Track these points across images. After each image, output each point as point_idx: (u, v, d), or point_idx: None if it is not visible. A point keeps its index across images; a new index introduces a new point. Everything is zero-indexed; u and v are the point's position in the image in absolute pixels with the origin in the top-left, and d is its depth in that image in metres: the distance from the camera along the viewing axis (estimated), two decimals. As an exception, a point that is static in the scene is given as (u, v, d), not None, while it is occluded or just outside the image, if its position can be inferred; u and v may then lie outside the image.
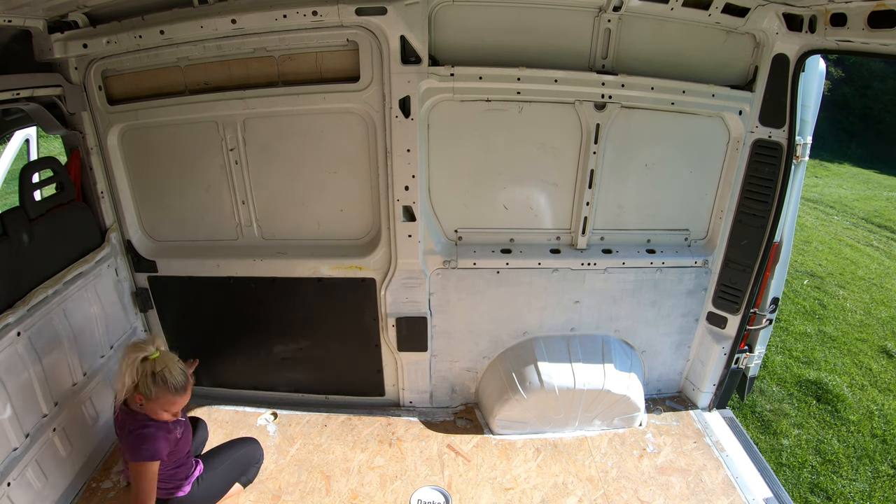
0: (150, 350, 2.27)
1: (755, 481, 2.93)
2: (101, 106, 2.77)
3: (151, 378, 2.23)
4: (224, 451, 2.74)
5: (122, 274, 3.09)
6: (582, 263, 3.04)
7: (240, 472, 2.75)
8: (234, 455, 2.74)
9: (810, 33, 2.45)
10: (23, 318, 2.41)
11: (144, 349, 2.27)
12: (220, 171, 2.91)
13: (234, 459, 2.72)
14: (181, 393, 2.29)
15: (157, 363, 2.25)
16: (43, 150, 4.64)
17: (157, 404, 2.26)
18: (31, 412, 2.48)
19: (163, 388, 2.24)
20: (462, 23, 2.56)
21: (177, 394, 2.28)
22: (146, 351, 2.26)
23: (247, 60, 2.68)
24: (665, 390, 3.54)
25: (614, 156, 2.86)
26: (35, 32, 2.49)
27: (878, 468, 4.26)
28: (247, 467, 2.78)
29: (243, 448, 2.80)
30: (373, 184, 2.89)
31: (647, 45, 2.65)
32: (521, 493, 2.86)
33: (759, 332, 3.24)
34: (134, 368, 2.23)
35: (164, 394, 2.25)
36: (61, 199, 2.73)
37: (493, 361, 3.28)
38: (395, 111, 2.65)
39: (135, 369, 2.23)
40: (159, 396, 2.25)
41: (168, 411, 2.30)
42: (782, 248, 3.06)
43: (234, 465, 2.71)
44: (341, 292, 3.09)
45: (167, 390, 2.25)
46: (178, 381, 2.28)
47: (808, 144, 2.83)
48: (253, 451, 2.82)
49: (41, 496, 2.51)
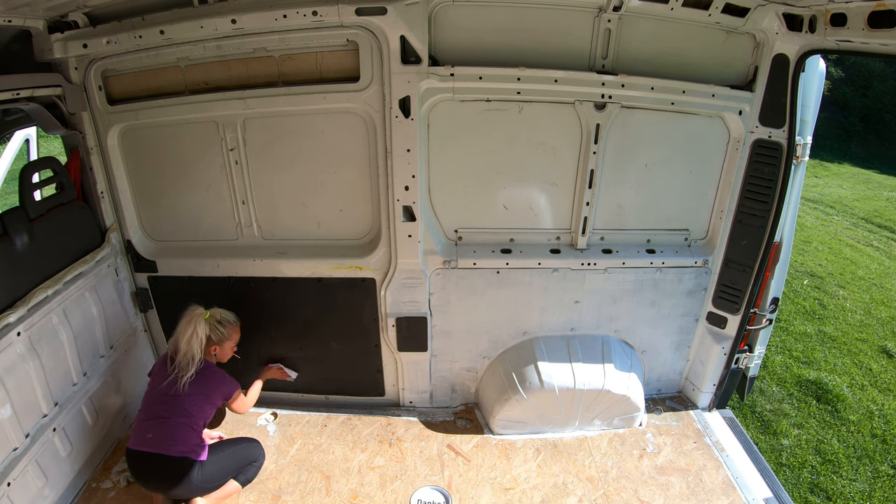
0: (201, 310, 2.77)
1: (755, 481, 2.92)
2: (101, 106, 2.77)
3: (219, 324, 2.80)
4: (225, 444, 2.83)
5: (122, 274, 3.09)
6: (582, 263, 3.04)
7: (239, 465, 2.77)
8: (235, 447, 2.81)
9: (810, 33, 2.44)
10: (23, 318, 2.41)
11: (198, 310, 2.76)
12: (220, 171, 2.91)
13: (234, 451, 2.78)
14: (238, 323, 2.91)
15: (214, 314, 2.80)
16: (43, 150, 4.64)
17: (230, 342, 2.86)
18: (31, 412, 2.49)
19: (230, 327, 2.84)
20: (462, 23, 2.56)
21: (238, 325, 2.91)
22: (200, 311, 2.76)
23: (247, 60, 2.68)
24: (665, 390, 3.54)
25: (614, 156, 2.86)
26: (35, 32, 2.49)
27: (878, 468, 4.26)
28: (246, 462, 2.80)
29: (244, 444, 2.86)
30: (373, 184, 2.89)
31: (647, 45, 2.65)
32: (521, 493, 2.86)
33: (759, 332, 3.24)
34: (203, 325, 2.73)
35: (232, 330, 2.86)
36: (61, 199, 2.73)
37: (493, 361, 3.28)
38: (395, 111, 2.65)
39: (205, 324, 2.73)
40: (231, 334, 2.85)
41: (234, 347, 2.91)
42: (782, 248, 3.06)
43: (233, 457, 2.75)
44: (341, 292, 3.09)
45: (233, 327, 2.87)
46: (234, 317, 2.89)
47: (808, 144, 2.83)
48: (253, 448, 2.85)
49: (41, 496, 2.51)
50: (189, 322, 2.71)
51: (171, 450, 2.54)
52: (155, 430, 2.57)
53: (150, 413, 2.63)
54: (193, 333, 2.69)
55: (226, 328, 2.82)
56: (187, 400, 2.62)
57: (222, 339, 2.80)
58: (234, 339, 2.89)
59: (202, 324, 2.72)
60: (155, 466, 2.54)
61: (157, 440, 2.54)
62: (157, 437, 2.55)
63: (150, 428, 2.58)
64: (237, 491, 2.78)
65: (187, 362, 2.65)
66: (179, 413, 2.60)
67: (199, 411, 2.66)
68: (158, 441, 2.54)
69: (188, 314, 2.75)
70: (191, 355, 2.67)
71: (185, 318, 2.74)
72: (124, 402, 3.15)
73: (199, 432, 2.66)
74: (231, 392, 2.82)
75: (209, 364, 2.76)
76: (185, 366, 2.65)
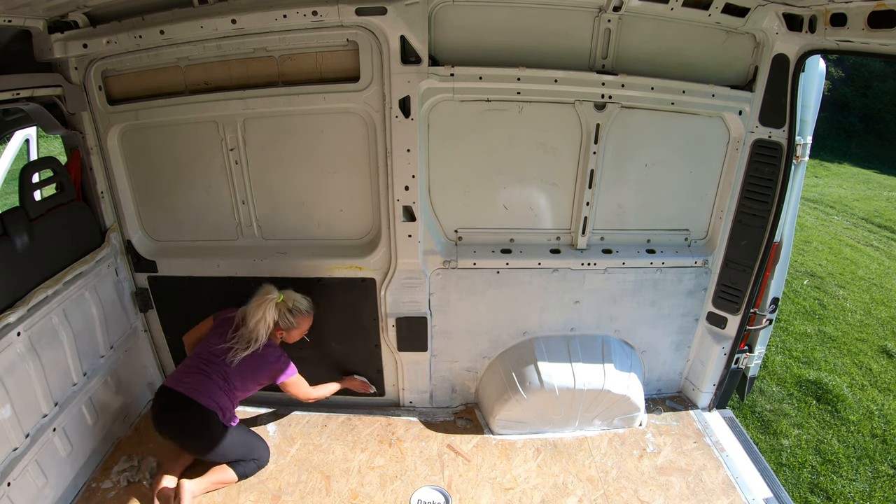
0: (275, 294, 2.72)
1: (755, 481, 2.93)
2: (101, 106, 2.77)
3: (289, 312, 2.76)
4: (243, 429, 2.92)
5: (122, 274, 3.09)
6: (582, 263, 3.04)
7: (245, 453, 2.81)
8: (250, 436, 2.91)
9: (810, 33, 2.44)
10: (23, 318, 2.41)
11: (272, 293, 2.71)
12: (220, 171, 2.91)
13: (248, 440, 2.86)
14: (311, 313, 2.87)
15: (287, 300, 2.76)
16: (43, 150, 4.64)
17: (299, 330, 2.84)
18: (31, 412, 2.48)
19: (301, 316, 2.81)
20: (462, 23, 2.56)
21: (310, 314, 2.87)
22: (274, 294, 2.72)
23: (247, 60, 2.68)
24: (665, 390, 3.54)
25: (614, 156, 2.86)
26: (35, 32, 2.49)
27: (878, 468, 4.26)
28: (252, 455, 2.84)
29: (258, 439, 2.96)
30: (373, 184, 2.89)
31: (647, 45, 2.65)
32: (521, 493, 2.86)
33: (759, 332, 3.24)
34: (274, 310, 2.70)
35: (303, 320, 2.83)
36: (61, 199, 2.73)
37: (493, 361, 3.28)
38: (395, 111, 2.65)
39: (275, 310, 2.71)
40: (301, 323, 2.82)
41: (303, 334, 2.89)
42: (782, 248, 3.06)
43: (245, 443, 2.83)
44: (341, 292, 3.09)
45: (305, 317, 2.84)
46: (308, 305, 2.85)
47: (808, 144, 2.83)
48: (263, 447, 2.94)
49: (41, 496, 2.51)
50: (259, 305, 2.68)
51: (203, 400, 2.60)
52: (194, 378, 2.64)
53: (195, 366, 2.70)
54: (262, 318, 2.66)
55: (296, 318, 2.78)
56: (233, 371, 2.67)
57: (290, 327, 2.78)
58: (304, 327, 2.86)
59: (272, 309, 2.69)
60: (182, 405, 2.59)
61: (192, 388, 2.62)
62: (193, 384, 2.62)
63: (189, 375, 2.66)
64: (231, 481, 2.79)
65: (248, 342, 2.66)
66: (221, 377, 2.66)
67: (241, 385, 2.72)
68: (193, 389, 2.61)
69: (260, 295, 2.71)
70: (255, 336, 2.66)
71: (257, 298, 2.70)
72: (124, 402, 3.15)
73: (233, 402, 2.71)
74: (281, 372, 2.77)
75: (270, 344, 2.76)
76: (245, 344, 2.66)
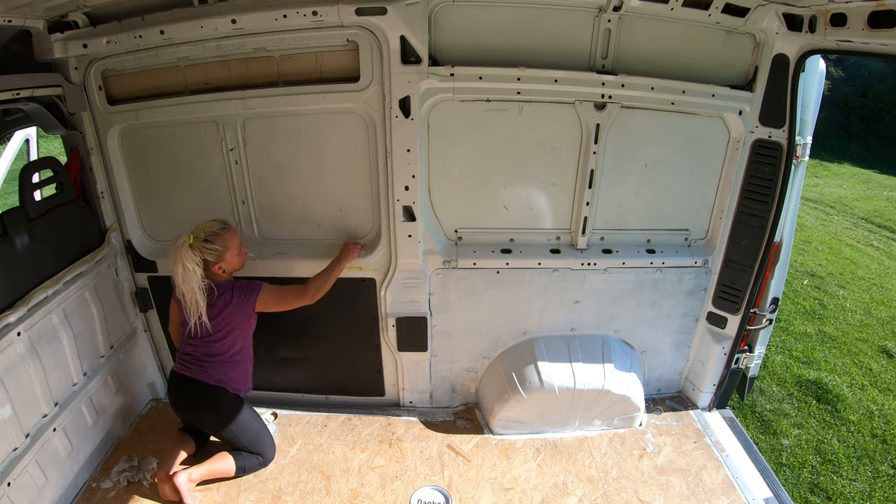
0: (183, 238, 2.51)
1: (755, 481, 2.92)
2: (101, 106, 2.77)
3: (206, 242, 2.51)
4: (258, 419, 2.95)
5: (122, 274, 3.09)
6: (582, 263, 3.04)
7: (251, 441, 2.83)
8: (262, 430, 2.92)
9: (810, 33, 2.44)
10: (23, 318, 2.40)
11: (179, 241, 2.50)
12: (220, 171, 2.91)
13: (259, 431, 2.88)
14: (228, 228, 2.60)
15: (197, 232, 2.53)
16: (43, 150, 4.64)
17: (230, 252, 2.58)
18: (31, 412, 2.48)
19: (221, 237, 2.54)
20: (462, 23, 2.56)
21: (227, 230, 2.59)
22: (182, 239, 2.50)
23: (247, 60, 2.68)
24: (665, 390, 3.54)
25: (614, 156, 2.86)
26: (35, 32, 2.49)
27: (878, 468, 4.26)
28: (257, 447, 2.85)
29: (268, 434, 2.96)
30: (373, 184, 2.89)
31: (647, 45, 2.65)
32: (521, 493, 2.86)
33: (759, 332, 3.24)
34: (189, 254, 2.46)
35: (225, 239, 2.55)
36: (61, 199, 2.73)
37: (493, 361, 3.28)
38: (395, 111, 2.65)
39: (191, 253, 2.47)
40: (226, 245, 2.55)
41: (240, 251, 2.64)
42: (782, 248, 3.06)
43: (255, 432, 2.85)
44: (341, 292, 3.09)
45: (224, 235, 2.56)
46: (217, 224, 2.57)
47: (808, 144, 2.83)
48: (271, 444, 2.95)
49: (41, 496, 2.51)
50: (175, 260, 2.45)
51: (207, 380, 2.68)
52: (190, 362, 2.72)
53: (185, 351, 2.74)
54: (184, 269, 2.43)
55: (217, 241, 2.52)
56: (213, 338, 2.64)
57: (220, 253, 2.54)
58: (235, 244, 2.60)
59: (188, 253, 2.45)
60: (191, 385, 2.70)
61: (195, 371, 2.70)
62: (193, 369, 2.70)
63: (189, 361, 2.72)
64: (230, 473, 2.79)
65: (195, 304, 2.49)
66: (206, 354, 2.68)
67: (231, 342, 2.69)
68: (194, 372, 2.70)
69: (171, 250, 2.48)
70: (195, 297, 2.48)
71: (171, 256, 2.48)
72: (124, 402, 3.15)
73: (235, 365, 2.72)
74: (248, 296, 2.61)
75: (219, 284, 2.60)
76: (194, 309, 2.51)
